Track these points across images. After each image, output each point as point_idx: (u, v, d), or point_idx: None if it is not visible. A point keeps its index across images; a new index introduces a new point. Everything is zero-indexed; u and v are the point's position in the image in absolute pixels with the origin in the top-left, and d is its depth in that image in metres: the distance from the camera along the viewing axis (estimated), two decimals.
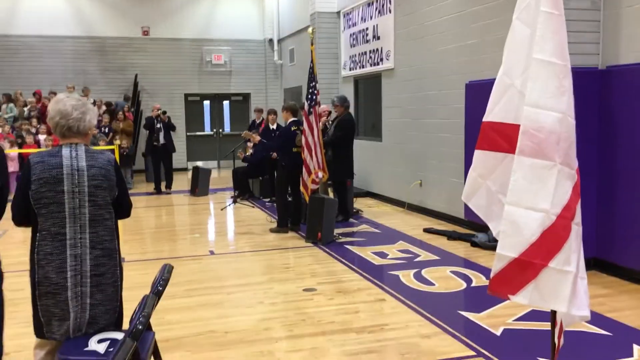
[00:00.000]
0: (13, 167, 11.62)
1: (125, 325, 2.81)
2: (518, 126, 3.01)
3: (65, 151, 2.80)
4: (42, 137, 12.59)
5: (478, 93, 6.87)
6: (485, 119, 3.22)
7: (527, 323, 4.39)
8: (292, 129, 8.06)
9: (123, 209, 2.98)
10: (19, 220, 2.82)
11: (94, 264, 2.79)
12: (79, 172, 2.77)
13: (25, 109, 13.84)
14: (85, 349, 2.66)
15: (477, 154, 3.25)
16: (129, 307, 2.92)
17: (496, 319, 4.50)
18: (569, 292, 2.79)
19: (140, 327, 2.32)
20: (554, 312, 3.04)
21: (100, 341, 2.72)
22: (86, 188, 2.77)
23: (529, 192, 2.92)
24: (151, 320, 2.99)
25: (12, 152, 11.78)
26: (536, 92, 2.92)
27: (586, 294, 2.92)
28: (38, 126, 13.01)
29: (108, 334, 2.79)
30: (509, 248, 2.93)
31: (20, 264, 2.83)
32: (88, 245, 2.77)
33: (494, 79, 3.10)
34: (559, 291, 2.80)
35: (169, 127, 12.08)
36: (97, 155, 2.88)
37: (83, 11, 15.52)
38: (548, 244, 2.83)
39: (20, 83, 14.49)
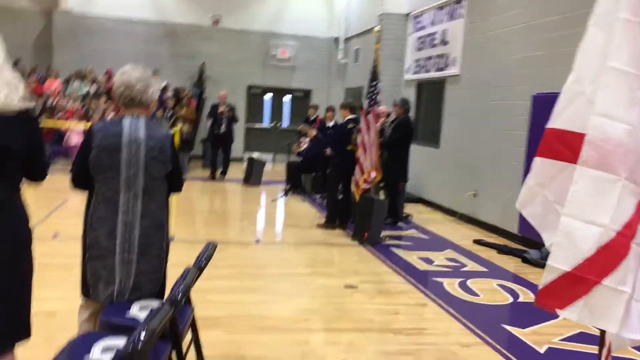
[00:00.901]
0: (79, 139, 12.06)
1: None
2: (583, 135, 2.89)
3: (126, 121, 2.87)
4: (109, 116, 13.01)
5: (545, 105, 6.64)
6: (550, 125, 3.11)
7: (574, 344, 4.22)
8: (348, 126, 8.04)
9: (175, 183, 3.03)
10: (77, 183, 2.91)
11: (142, 232, 2.85)
12: (137, 142, 2.84)
13: (93, 86, 14.31)
14: (127, 314, 2.71)
15: (537, 162, 3.14)
16: (173, 282, 2.97)
17: (541, 337, 4.34)
18: (621, 312, 2.65)
19: (179, 295, 2.35)
20: (602, 333, 2.90)
21: (141, 309, 2.77)
22: (142, 158, 2.83)
23: (589, 205, 2.80)
24: (192, 298, 3.04)
25: (79, 127, 12.23)
26: (607, 102, 2.79)
27: (639, 317, 2.78)
28: (106, 104, 13.45)
29: (150, 302, 2.84)
30: (562, 260, 2.82)
31: (77, 231, 2.93)
32: (139, 214, 2.84)
33: None
34: (611, 310, 2.67)
35: (233, 118, 12.37)
36: (155, 128, 2.94)
37: None
38: (604, 260, 2.70)
39: (93, 62, 15.00)
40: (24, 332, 2.40)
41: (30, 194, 2.52)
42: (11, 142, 2.25)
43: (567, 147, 2.96)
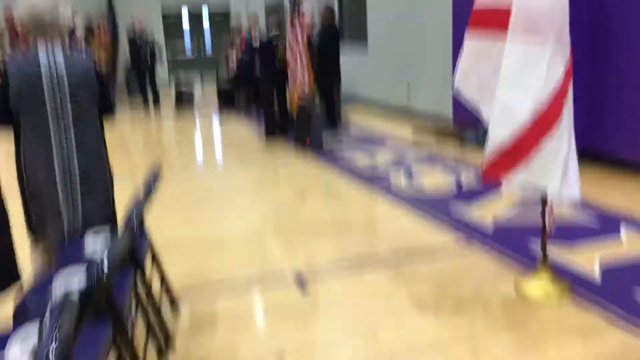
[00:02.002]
0: None
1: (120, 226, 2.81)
2: (509, 11, 2.92)
3: (41, 49, 2.68)
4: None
5: None
6: (477, 5, 3.12)
7: (518, 218, 4.47)
8: (273, 43, 7.86)
9: (105, 107, 2.89)
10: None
11: (82, 167, 2.74)
12: (58, 69, 2.66)
13: None
14: (82, 247, 2.66)
15: (468, 42, 3.18)
16: (122, 215, 2.91)
17: (487, 210, 4.57)
18: (560, 171, 2.81)
19: (135, 220, 2.32)
20: (544, 201, 3.08)
21: (95, 239, 2.71)
22: (66, 86, 2.68)
23: (521, 76, 2.88)
24: (146, 228, 3.00)
25: None
26: None
27: (576, 175, 2.95)
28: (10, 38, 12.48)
29: (102, 232, 2.79)
30: (501, 132, 2.93)
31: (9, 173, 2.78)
32: (74, 145, 2.71)
33: None
34: (550, 170, 2.82)
35: (153, 55, 12.01)
36: (74, 52, 2.77)
37: None
38: (540, 125, 2.82)
39: None
40: (13, 275, 2.25)
41: None
42: None
43: (496, 23, 3.00)
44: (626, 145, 5.30)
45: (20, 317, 2.12)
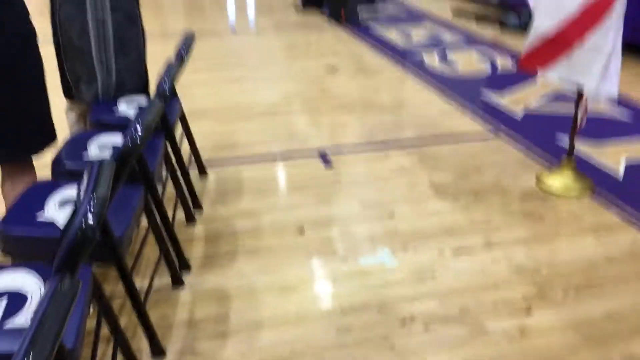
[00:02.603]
0: None
1: (152, 91, 2.85)
2: None
3: None
4: None
5: None
6: None
7: (550, 107, 4.39)
8: None
9: None
10: None
11: (115, 28, 2.74)
12: None
13: None
14: (116, 111, 2.73)
15: None
16: (152, 75, 2.93)
17: (518, 101, 4.49)
18: (601, 68, 2.72)
19: (167, 88, 2.35)
20: (579, 95, 3.01)
21: (129, 105, 2.78)
22: None
23: None
24: (177, 92, 3.04)
25: None
26: None
27: (617, 74, 2.85)
28: None
29: (136, 97, 2.85)
30: (546, 21, 2.80)
31: (42, 35, 2.77)
32: (108, 7, 2.69)
33: None
34: (591, 66, 2.73)
35: None
36: None
37: None
38: (587, 18, 2.69)
39: None
40: (49, 135, 2.28)
41: None
42: None
43: None
44: None
45: (58, 176, 2.23)
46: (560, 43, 2.75)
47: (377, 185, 3.28)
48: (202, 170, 3.32)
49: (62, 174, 2.22)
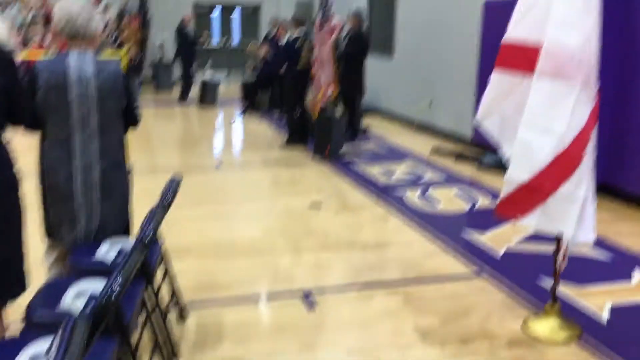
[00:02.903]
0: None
1: (135, 232, 2.84)
2: (539, 49, 2.91)
3: (72, 57, 2.72)
4: (48, 42, 12.27)
5: (496, 13, 6.64)
6: (506, 38, 3.11)
7: (531, 245, 4.43)
8: (296, 45, 7.85)
9: (131, 118, 2.93)
10: (27, 124, 2.78)
11: (102, 174, 2.78)
12: (86, 79, 2.71)
13: (30, 13, 13.41)
14: (96, 255, 2.70)
15: (495, 76, 3.17)
16: (137, 214, 2.94)
17: (499, 240, 4.55)
18: (576, 216, 2.79)
19: (149, 237, 2.34)
20: (558, 238, 3.06)
21: (110, 248, 2.75)
22: (94, 96, 2.72)
23: (545, 116, 2.87)
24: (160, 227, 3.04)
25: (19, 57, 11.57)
26: (562, 10, 2.79)
27: (593, 219, 2.93)
28: (44, 29, 12.64)
29: (118, 241, 2.83)
30: (520, 172, 2.91)
31: (29, 171, 2.82)
32: (97, 154, 2.76)
33: None
34: (566, 215, 2.80)
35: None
36: (105, 62, 2.81)
37: None
38: (560, 168, 2.80)
39: None
40: (18, 286, 2.23)
41: None
42: None
43: (524, 60, 2.98)
44: None
45: (31, 327, 2.16)
46: (534, 193, 2.84)
47: (362, 330, 3.21)
48: (182, 314, 3.23)
49: (35, 325, 2.14)
